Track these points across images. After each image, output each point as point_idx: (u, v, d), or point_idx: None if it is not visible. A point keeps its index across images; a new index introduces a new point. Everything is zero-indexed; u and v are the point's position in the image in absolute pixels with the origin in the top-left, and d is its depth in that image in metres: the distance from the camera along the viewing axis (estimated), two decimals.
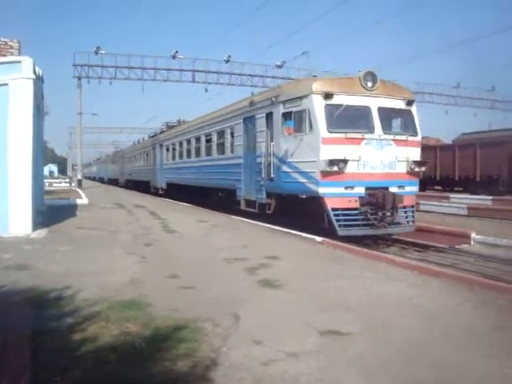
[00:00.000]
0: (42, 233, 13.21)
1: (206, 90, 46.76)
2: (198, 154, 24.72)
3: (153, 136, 39.19)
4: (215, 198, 22.55)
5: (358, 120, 13.48)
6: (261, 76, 46.89)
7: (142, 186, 41.28)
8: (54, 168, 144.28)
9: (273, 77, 46.57)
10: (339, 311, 6.25)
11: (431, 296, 7.04)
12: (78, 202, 25.41)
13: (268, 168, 15.35)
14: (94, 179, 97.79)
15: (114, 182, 64.23)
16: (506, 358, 4.71)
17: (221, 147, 21.04)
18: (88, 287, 7.17)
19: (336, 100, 12.93)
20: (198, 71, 45.95)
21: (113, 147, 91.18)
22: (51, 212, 19.21)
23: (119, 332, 5.29)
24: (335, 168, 12.50)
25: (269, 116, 15.68)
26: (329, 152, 12.70)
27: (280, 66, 46.32)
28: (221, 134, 20.87)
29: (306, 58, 40.73)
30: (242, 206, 18.04)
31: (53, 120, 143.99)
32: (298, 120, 13.73)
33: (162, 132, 35.52)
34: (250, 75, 46.91)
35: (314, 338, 5.25)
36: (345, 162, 12.54)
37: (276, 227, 14.64)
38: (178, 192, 29.43)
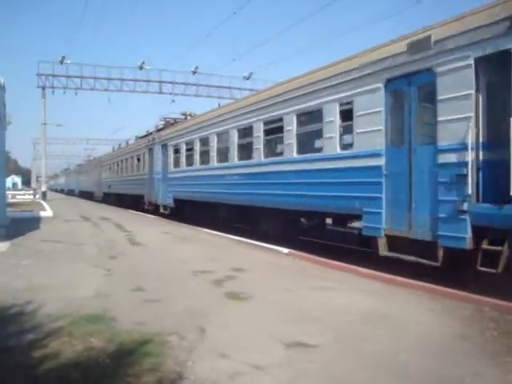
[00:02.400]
0: (3, 246, 12.92)
1: (173, 100, 46.62)
2: (250, 154, 15.24)
3: (146, 135, 30.63)
4: (282, 225, 14.52)
5: None
6: (228, 87, 46.98)
7: (128, 201, 34.03)
8: (17, 180, 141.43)
9: (240, 88, 46.73)
10: (305, 323, 6.27)
11: (396, 306, 7.12)
12: (42, 214, 24.99)
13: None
14: (62, 192, 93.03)
15: (87, 195, 56.98)
16: (468, 366, 4.79)
17: (318, 140, 12.38)
18: (51, 302, 7.03)
19: None
20: (164, 82, 45.80)
21: (81, 158, 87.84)
22: (14, 225, 18.82)
23: (83, 348, 5.18)
24: None
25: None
26: None
27: (247, 78, 46.52)
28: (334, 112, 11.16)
29: (273, 69, 40.97)
30: (384, 251, 9.57)
31: (16, 130, 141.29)
32: None
33: (160, 129, 26.96)
34: (217, 86, 46.96)
35: (280, 350, 5.24)
36: None
37: (242, 239, 14.64)
38: (194, 212, 21.62)
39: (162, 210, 24.79)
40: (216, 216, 18.88)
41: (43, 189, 48.81)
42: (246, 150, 15.74)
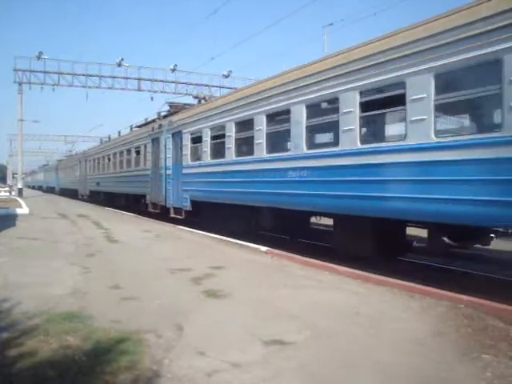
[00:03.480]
0: None
1: (152, 98, 46.36)
2: (334, 139, 11.11)
3: (146, 124, 25.80)
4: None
5: None
6: (207, 85, 46.85)
7: (123, 202, 30.15)
8: None
9: (219, 86, 46.64)
10: (283, 320, 6.29)
11: (374, 304, 7.19)
12: (18, 211, 24.63)
13: None
14: (40, 189, 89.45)
15: (70, 193, 52.48)
16: (443, 362, 4.86)
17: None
18: (27, 299, 6.94)
19: None
20: (143, 79, 45.51)
21: (59, 154, 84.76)
22: None
23: (59, 346, 5.13)
24: None
25: None
26: None
27: (226, 76, 46.46)
28: None
29: (252, 68, 40.93)
30: None
31: None
32: None
33: (170, 115, 22.00)
34: (196, 84, 46.81)
35: (259, 348, 5.25)
36: None
37: (221, 237, 14.63)
38: (220, 218, 16.72)
39: (172, 214, 19.62)
40: (253, 223, 14.97)
41: (19, 185, 48.16)
42: (323, 134, 12.17)
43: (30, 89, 43.47)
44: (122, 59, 43.66)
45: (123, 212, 26.72)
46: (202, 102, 20.62)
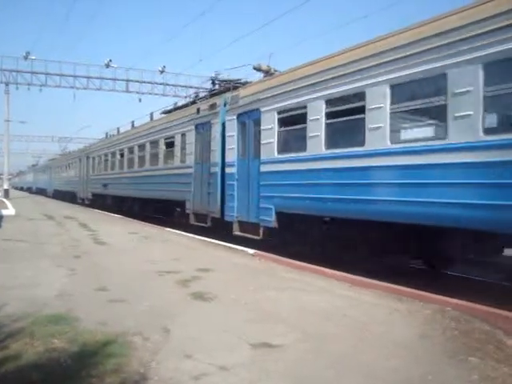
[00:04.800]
0: None
1: (140, 100, 46.25)
2: None
3: (182, 106, 21.31)
4: None
5: None
6: (196, 87, 46.81)
7: (142, 208, 24.13)
8: None
9: (207, 88, 46.57)
10: (270, 323, 6.28)
11: (361, 307, 7.21)
12: (4, 212, 24.42)
13: None
14: (29, 190, 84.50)
15: (65, 196, 46.12)
16: (429, 365, 4.88)
17: None
18: (12, 301, 6.88)
19: None
20: (131, 81, 45.43)
21: (47, 156, 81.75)
22: None
23: (44, 349, 5.07)
24: None
25: None
26: None
27: (215, 78, 46.36)
28: None
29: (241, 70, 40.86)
30: None
31: None
32: None
33: (218, 93, 17.42)
34: (184, 86, 46.75)
35: (246, 351, 5.24)
36: None
37: (208, 239, 14.61)
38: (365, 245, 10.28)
39: (238, 232, 13.95)
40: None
41: (5, 186, 47.77)
42: None
43: (16, 89, 43.28)
44: (111, 60, 43.63)
45: (111, 214, 26.44)
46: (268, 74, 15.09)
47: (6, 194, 45.20)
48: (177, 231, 17.11)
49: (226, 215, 14.34)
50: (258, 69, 15.63)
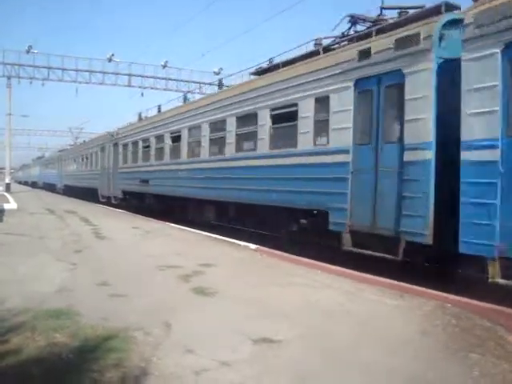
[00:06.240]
0: None
1: (142, 94, 46.18)
2: None
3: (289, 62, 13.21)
4: None
5: None
6: (198, 82, 46.76)
7: (238, 217, 15.27)
8: None
9: (210, 83, 46.54)
10: (272, 319, 6.27)
11: (363, 303, 7.20)
12: (6, 206, 24.40)
13: None
14: (33, 185, 77.23)
15: (79, 193, 38.89)
16: (431, 361, 4.88)
17: None
18: (13, 296, 6.87)
19: None
20: (134, 75, 45.34)
21: (51, 149, 79.11)
22: None
23: (45, 343, 5.07)
24: None
25: None
26: None
27: (217, 73, 46.32)
28: None
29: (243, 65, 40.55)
30: None
31: None
32: None
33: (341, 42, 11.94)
34: (186, 81, 46.67)
35: (247, 346, 5.23)
36: None
37: (210, 234, 14.60)
38: None
39: (501, 279, 7.30)
40: None
41: (7, 181, 47.79)
42: None
43: (19, 83, 43.16)
44: (113, 54, 43.58)
45: (113, 209, 26.18)
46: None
47: (8, 188, 45.17)
48: (179, 226, 17.09)
49: (465, 244, 7.48)
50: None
